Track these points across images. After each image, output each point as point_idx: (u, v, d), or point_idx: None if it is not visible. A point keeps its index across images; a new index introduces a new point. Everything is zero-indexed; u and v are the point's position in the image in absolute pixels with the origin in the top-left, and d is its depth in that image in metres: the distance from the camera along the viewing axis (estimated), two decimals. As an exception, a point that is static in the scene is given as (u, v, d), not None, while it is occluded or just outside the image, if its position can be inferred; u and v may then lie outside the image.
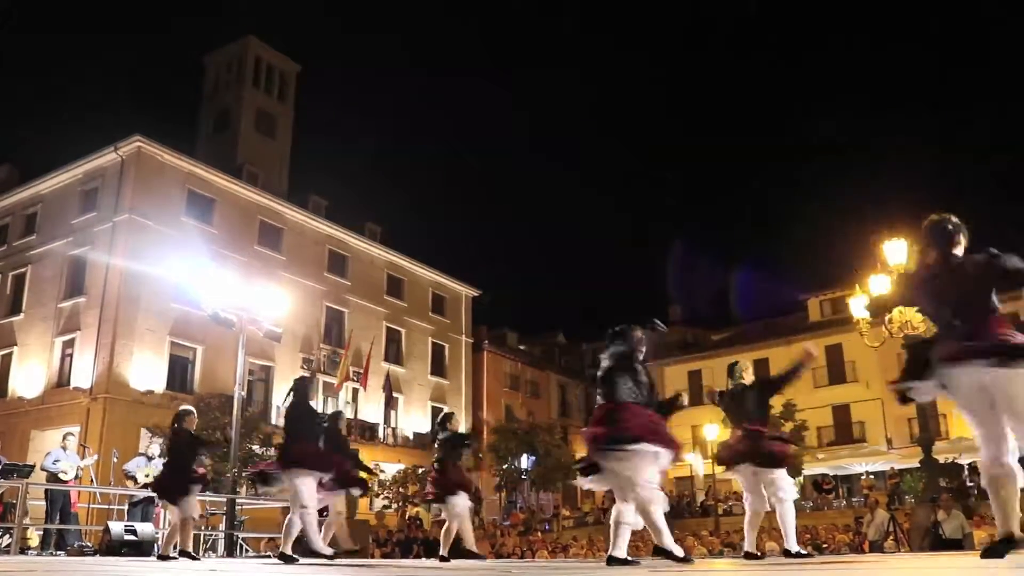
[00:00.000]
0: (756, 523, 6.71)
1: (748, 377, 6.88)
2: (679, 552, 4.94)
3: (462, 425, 32.66)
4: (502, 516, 29.89)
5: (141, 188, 27.21)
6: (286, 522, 7.31)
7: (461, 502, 8.27)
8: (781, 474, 6.49)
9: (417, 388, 37.03)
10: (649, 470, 4.92)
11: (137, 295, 25.98)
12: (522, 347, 46.82)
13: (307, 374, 8.34)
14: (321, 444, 7.60)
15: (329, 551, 7.40)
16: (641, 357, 5.27)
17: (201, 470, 8.46)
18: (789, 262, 75.16)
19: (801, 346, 7.43)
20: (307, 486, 7.13)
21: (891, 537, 14.18)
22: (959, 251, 4.12)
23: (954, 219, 4.18)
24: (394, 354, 36.16)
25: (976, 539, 11.15)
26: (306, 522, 7.09)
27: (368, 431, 32.24)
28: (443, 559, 8.15)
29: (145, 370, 25.95)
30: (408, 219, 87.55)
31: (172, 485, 8.00)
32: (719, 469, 7.99)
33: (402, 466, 30.02)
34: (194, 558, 8.18)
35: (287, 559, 7.04)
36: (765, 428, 6.61)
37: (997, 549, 3.82)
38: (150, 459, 12.13)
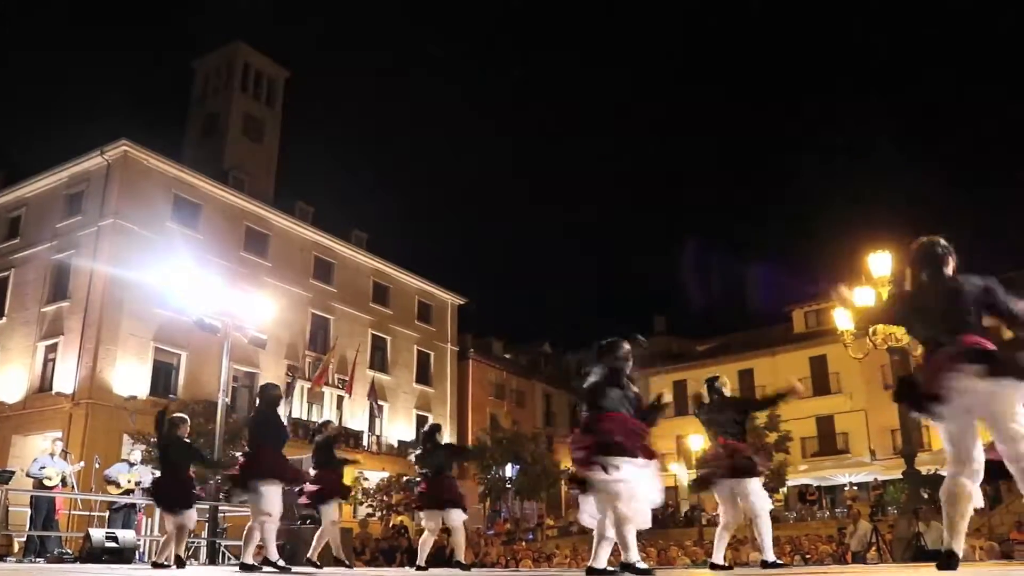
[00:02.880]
0: (726, 535, 6.78)
1: (728, 391, 6.98)
2: (643, 566, 4.91)
3: (447, 434, 32.62)
4: (486, 525, 29.73)
5: (127, 192, 27.08)
6: (245, 531, 7.19)
7: (458, 515, 8.34)
8: (756, 485, 6.55)
9: (402, 396, 36.95)
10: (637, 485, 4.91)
11: (121, 300, 25.81)
12: (508, 356, 46.80)
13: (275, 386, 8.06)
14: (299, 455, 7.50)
15: (282, 563, 7.20)
16: (628, 371, 5.29)
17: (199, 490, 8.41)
18: (775, 272, 75.58)
19: (789, 381, 7.41)
20: (272, 495, 7.04)
21: (873, 548, 14.24)
22: (949, 271, 4.22)
23: (943, 241, 4.31)
24: (379, 362, 36.10)
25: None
26: (266, 531, 7.03)
27: (352, 439, 32.12)
28: (420, 568, 8.13)
29: (128, 375, 25.77)
30: (395, 227, 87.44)
31: (176, 495, 7.88)
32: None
33: (386, 474, 29.91)
34: (183, 563, 8.10)
35: (248, 568, 6.91)
36: (742, 443, 6.69)
37: (949, 563, 3.92)
38: (132, 465, 12.05)
